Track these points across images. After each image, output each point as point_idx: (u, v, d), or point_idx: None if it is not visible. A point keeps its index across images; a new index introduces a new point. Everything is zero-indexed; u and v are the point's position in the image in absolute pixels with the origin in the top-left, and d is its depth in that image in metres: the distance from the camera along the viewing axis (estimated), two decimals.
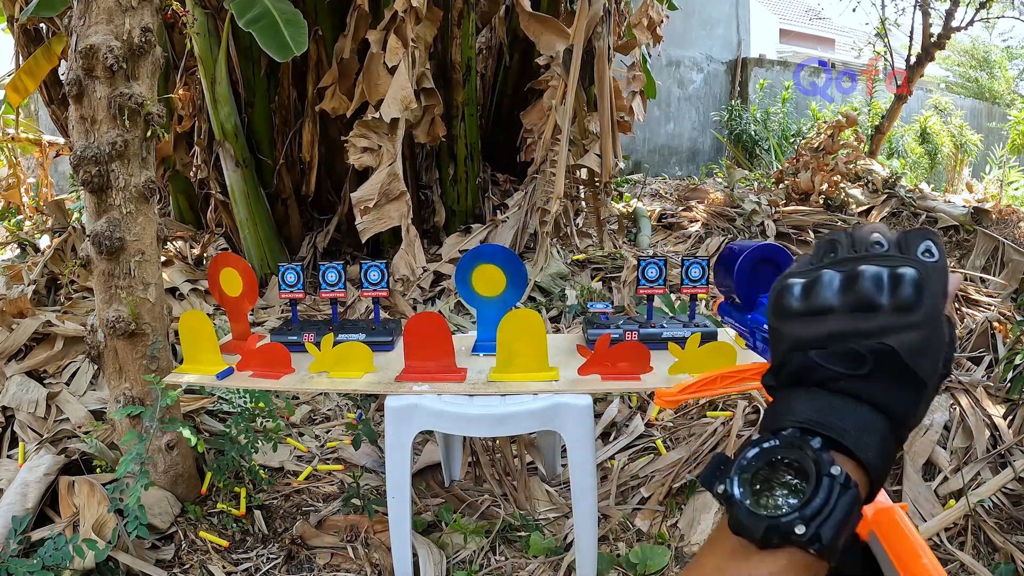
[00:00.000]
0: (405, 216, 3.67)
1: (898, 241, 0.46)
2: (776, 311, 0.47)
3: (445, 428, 1.70)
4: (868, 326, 0.43)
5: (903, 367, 0.42)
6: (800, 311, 0.45)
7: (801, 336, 0.45)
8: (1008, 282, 3.79)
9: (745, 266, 0.74)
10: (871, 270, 0.44)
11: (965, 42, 13.45)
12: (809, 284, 0.46)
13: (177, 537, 2.03)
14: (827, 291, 0.45)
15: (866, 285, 0.43)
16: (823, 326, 0.44)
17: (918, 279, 0.43)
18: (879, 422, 0.42)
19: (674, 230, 4.96)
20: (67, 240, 3.75)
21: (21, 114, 4.81)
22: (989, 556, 2.03)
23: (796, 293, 0.46)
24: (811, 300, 0.45)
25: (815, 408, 0.43)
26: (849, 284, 0.44)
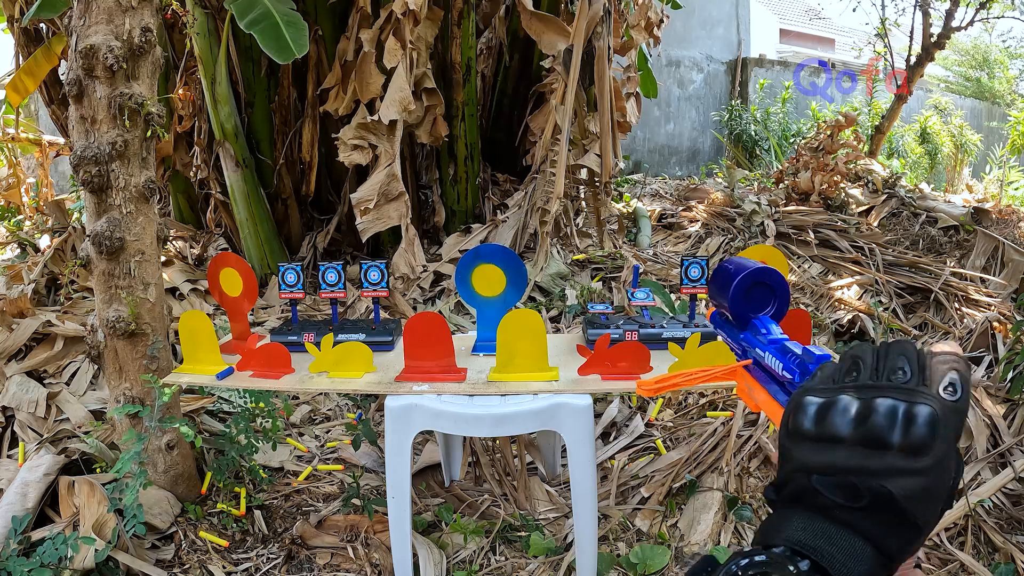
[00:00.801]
0: (404, 216, 3.67)
1: (922, 369, 0.44)
2: (788, 430, 0.47)
3: (445, 428, 1.70)
4: (874, 465, 0.43)
5: (898, 511, 0.42)
6: (811, 435, 0.46)
7: (808, 461, 0.45)
8: (1008, 282, 3.79)
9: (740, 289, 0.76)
10: (886, 404, 0.43)
11: (965, 42, 13.45)
12: (824, 408, 0.46)
13: (177, 537, 2.03)
14: (840, 420, 0.44)
15: (878, 421, 0.43)
16: (831, 455, 0.44)
17: (932, 421, 0.42)
18: (869, 554, 0.43)
19: (674, 230, 4.96)
20: (67, 240, 3.75)
21: (21, 114, 4.81)
22: (989, 556, 2.03)
23: (810, 415, 0.46)
24: (823, 426, 0.45)
25: (809, 531, 0.44)
26: (863, 416, 0.44)
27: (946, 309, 3.50)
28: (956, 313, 3.45)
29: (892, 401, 0.43)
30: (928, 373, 0.44)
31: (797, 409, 0.47)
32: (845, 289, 3.79)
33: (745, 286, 0.77)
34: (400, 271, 3.71)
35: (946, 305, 3.51)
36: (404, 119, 3.60)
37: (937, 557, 2.03)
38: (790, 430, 0.47)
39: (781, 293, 0.79)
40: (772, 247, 2.05)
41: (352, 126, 3.62)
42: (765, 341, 0.71)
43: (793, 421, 0.47)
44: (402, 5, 3.40)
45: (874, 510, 0.42)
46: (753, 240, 4.44)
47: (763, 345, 0.71)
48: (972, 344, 3.12)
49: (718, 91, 10.07)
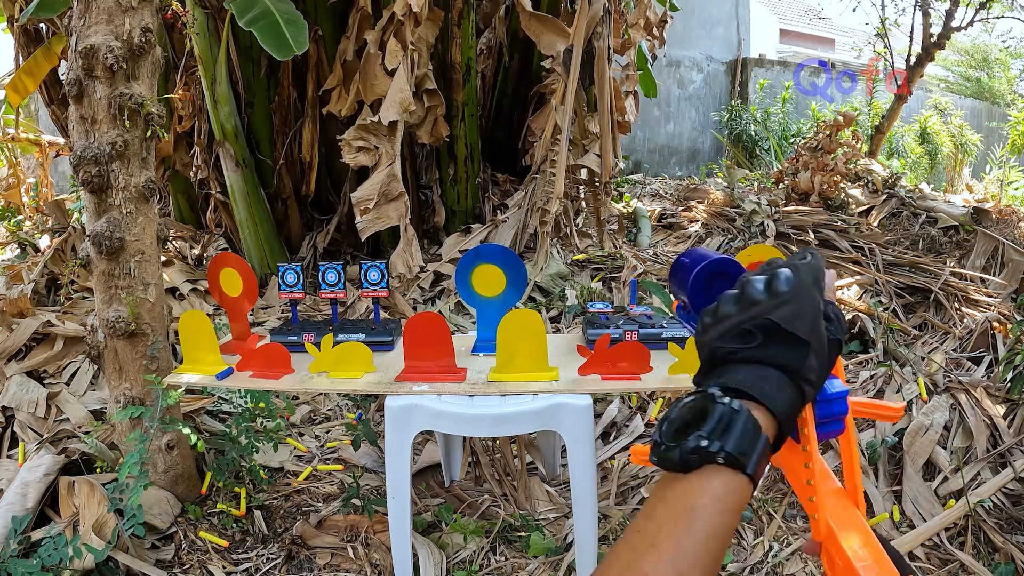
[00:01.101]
0: (404, 216, 3.68)
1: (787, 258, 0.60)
2: (697, 333, 0.60)
3: (445, 428, 1.70)
4: (754, 312, 0.55)
5: (785, 332, 0.54)
6: (710, 324, 0.58)
7: (712, 337, 0.57)
8: (1008, 282, 3.79)
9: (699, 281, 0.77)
10: (754, 277, 0.57)
11: (965, 42, 13.45)
12: (715, 304, 0.59)
13: (177, 537, 2.03)
14: (726, 303, 0.58)
15: (750, 290, 0.57)
16: (724, 325, 0.57)
17: (788, 273, 0.56)
18: (773, 373, 0.53)
19: (674, 230, 4.96)
20: (67, 240, 3.75)
21: (21, 114, 4.81)
22: (989, 556, 2.03)
23: (709, 312, 0.59)
24: (717, 313, 0.58)
25: (718, 374, 0.56)
26: (740, 295, 0.57)
27: (946, 309, 3.50)
28: (956, 313, 3.45)
29: (759, 275, 0.58)
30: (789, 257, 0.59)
31: (700, 318, 0.60)
32: (845, 289, 3.79)
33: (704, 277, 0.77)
34: (398, 271, 3.72)
35: (946, 305, 3.51)
36: (405, 120, 3.60)
37: (937, 557, 2.03)
38: (697, 333, 0.60)
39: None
40: (772, 247, 2.05)
41: (354, 127, 3.63)
42: None
43: (699, 327, 0.60)
44: (403, 6, 3.40)
45: (766, 341, 0.54)
46: (753, 240, 4.44)
47: None
48: (972, 344, 3.12)
49: (718, 91, 10.07)
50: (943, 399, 2.62)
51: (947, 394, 2.66)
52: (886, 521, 2.17)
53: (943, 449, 2.41)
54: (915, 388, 2.70)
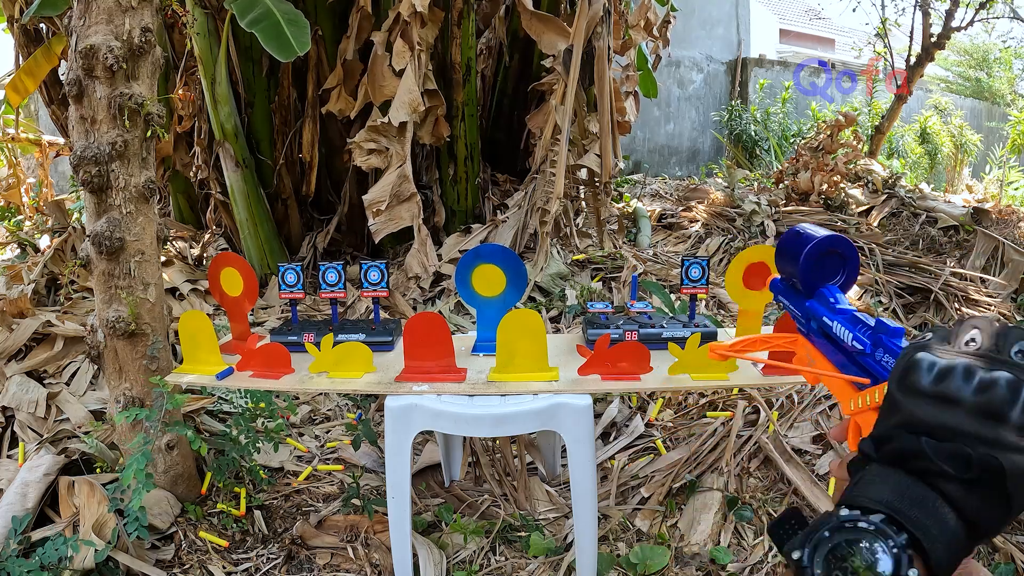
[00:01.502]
0: (416, 216, 3.70)
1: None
2: (902, 382, 0.47)
3: (445, 428, 1.70)
4: (988, 433, 0.42)
5: (1002, 487, 0.42)
6: (928, 392, 0.45)
7: (919, 418, 0.45)
8: (1008, 282, 3.79)
9: (812, 255, 0.74)
10: (1008, 378, 0.43)
11: (964, 42, 13.45)
12: (946, 368, 0.45)
13: (177, 537, 2.03)
14: (963, 383, 0.44)
15: (1000, 392, 0.43)
16: (946, 415, 0.44)
17: None
18: (961, 532, 0.43)
19: (674, 230, 4.96)
20: (67, 240, 3.75)
21: (21, 114, 4.81)
22: (989, 556, 2.03)
23: (931, 371, 0.45)
24: (943, 385, 0.44)
25: (911, 500, 0.43)
26: (985, 385, 0.43)
27: (946, 309, 3.50)
28: (956, 313, 3.45)
29: (1015, 376, 0.43)
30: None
31: (915, 364, 0.46)
32: None
33: (817, 253, 0.74)
34: (413, 271, 3.74)
35: (946, 305, 3.51)
36: (415, 120, 3.62)
37: None
38: (903, 384, 0.46)
39: (851, 263, 0.77)
40: (772, 247, 2.05)
41: (365, 129, 3.64)
42: (834, 310, 0.69)
43: (909, 376, 0.46)
44: (408, 7, 3.41)
45: (978, 484, 0.42)
46: (753, 240, 4.44)
47: (832, 314, 0.68)
48: None
49: (718, 91, 10.07)
50: None
51: None
52: None
53: None
54: None
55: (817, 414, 2.66)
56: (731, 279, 1.82)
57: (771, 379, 1.68)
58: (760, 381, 1.69)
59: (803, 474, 2.36)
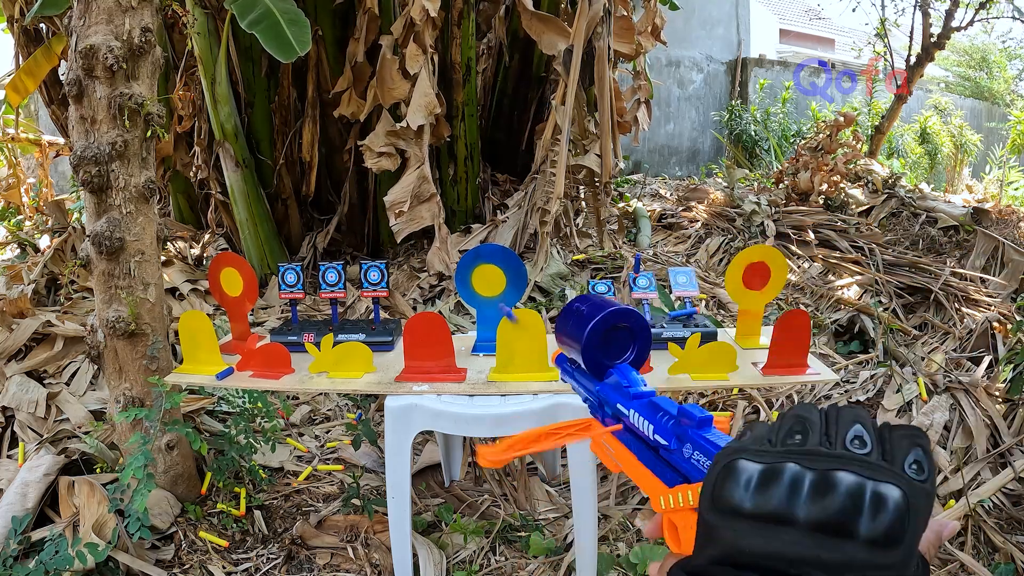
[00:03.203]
0: (437, 216, 3.72)
1: (881, 441, 0.36)
2: (715, 503, 0.36)
3: (445, 428, 1.70)
4: (831, 558, 0.33)
5: None
6: (748, 511, 0.35)
7: (741, 547, 0.35)
8: (1008, 282, 3.79)
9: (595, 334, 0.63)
10: (850, 480, 0.34)
11: (964, 42, 13.45)
12: (767, 475, 0.35)
13: (177, 537, 2.03)
14: (790, 493, 0.34)
15: (840, 501, 0.33)
16: (775, 541, 0.34)
17: (903, 506, 0.33)
18: None
19: (674, 230, 4.96)
20: (67, 240, 3.75)
21: (21, 114, 4.81)
22: (989, 556, 2.03)
23: (748, 484, 0.36)
24: (766, 500, 0.35)
25: None
26: (819, 492, 0.34)
27: (946, 309, 3.50)
28: (956, 313, 3.45)
29: (856, 477, 0.34)
30: (889, 446, 0.35)
31: (729, 474, 0.36)
32: (845, 289, 3.79)
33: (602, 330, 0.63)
34: (435, 269, 3.77)
35: (946, 305, 3.51)
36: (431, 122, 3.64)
37: (937, 557, 2.03)
38: (717, 502, 0.36)
39: (641, 336, 0.66)
40: (772, 247, 2.05)
41: (379, 134, 3.65)
42: (629, 396, 0.58)
43: (723, 490, 0.36)
44: (420, 11, 3.41)
45: None
46: (753, 240, 4.44)
47: (626, 400, 0.58)
48: (972, 344, 3.12)
49: (718, 91, 10.07)
50: (943, 399, 2.62)
51: (947, 394, 2.66)
52: None
53: (943, 449, 2.41)
54: (915, 388, 2.70)
55: None
56: (731, 279, 1.82)
57: (771, 379, 1.68)
58: (760, 381, 1.69)
59: None
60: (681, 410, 0.49)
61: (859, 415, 0.37)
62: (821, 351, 3.17)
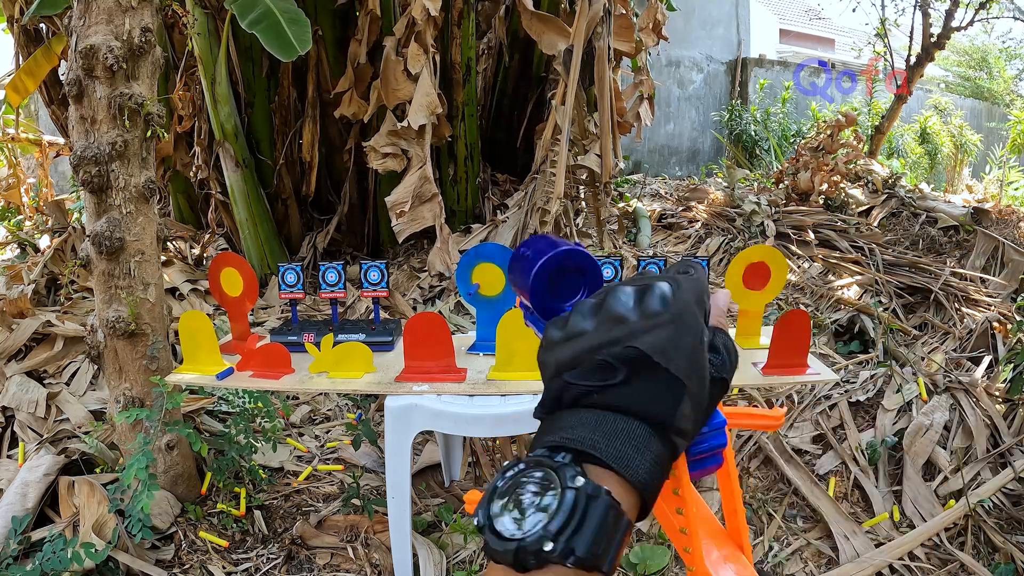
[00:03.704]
0: (438, 216, 3.73)
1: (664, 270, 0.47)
2: (541, 347, 0.47)
3: (445, 428, 1.70)
4: (617, 334, 0.42)
5: (654, 367, 0.41)
6: (559, 338, 0.45)
7: (560, 360, 0.44)
8: (1008, 282, 3.79)
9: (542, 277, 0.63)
10: (621, 288, 0.45)
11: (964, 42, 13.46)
12: (568, 313, 0.46)
13: (177, 537, 2.03)
14: (581, 316, 0.45)
15: (614, 302, 0.44)
16: (577, 345, 0.43)
17: (666, 289, 0.44)
18: (637, 429, 0.40)
19: (674, 230, 4.95)
20: (67, 240, 3.75)
21: (21, 114, 4.81)
22: (989, 556, 2.03)
23: (558, 322, 0.46)
24: (568, 327, 0.45)
25: (566, 425, 0.41)
26: (602, 300, 0.45)
27: (946, 309, 3.50)
28: (956, 313, 3.45)
29: (626, 286, 0.45)
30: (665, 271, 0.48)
31: (547, 327, 0.47)
32: (845, 289, 3.79)
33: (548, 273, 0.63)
34: (436, 269, 3.77)
35: (946, 305, 3.51)
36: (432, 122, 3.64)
37: (937, 557, 2.03)
38: (542, 347, 0.46)
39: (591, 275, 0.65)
40: (772, 247, 2.05)
41: (382, 134, 3.65)
42: None
43: (544, 339, 0.46)
44: (421, 11, 3.41)
45: (630, 378, 0.41)
46: (753, 240, 4.44)
47: None
48: (972, 344, 3.12)
49: (718, 91, 10.07)
50: (943, 399, 2.62)
51: (947, 394, 2.66)
52: (886, 521, 2.17)
53: (943, 449, 2.41)
54: (915, 388, 2.70)
55: (817, 414, 2.66)
56: (731, 279, 1.82)
57: (771, 379, 1.68)
58: (760, 381, 1.69)
59: (803, 474, 2.36)
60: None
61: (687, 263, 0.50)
62: (821, 351, 3.17)
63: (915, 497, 2.24)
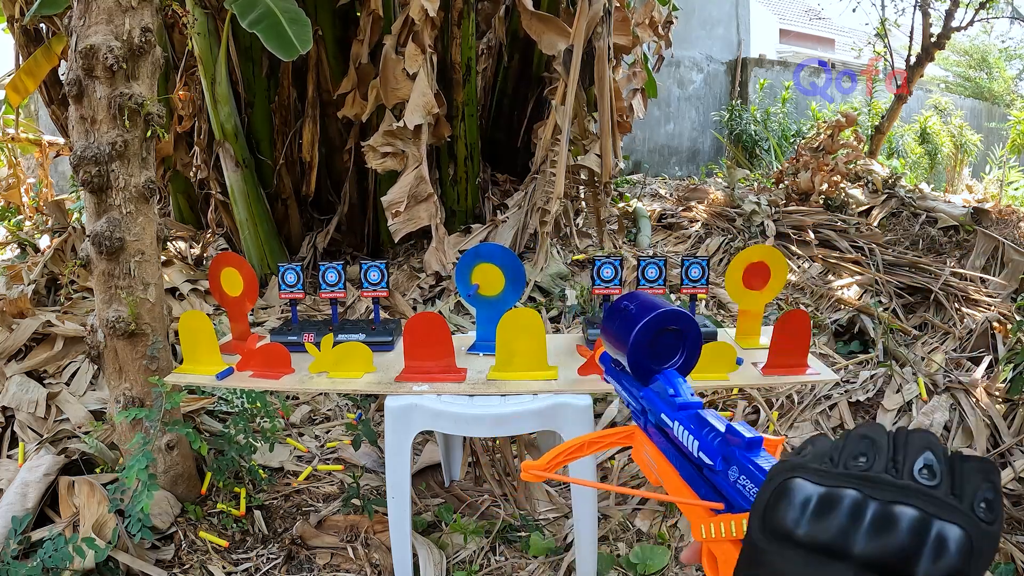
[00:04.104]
0: (434, 216, 3.73)
1: (952, 473, 0.33)
2: (766, 523, 0.34)
3: (445, 428, 1.70)
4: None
5: None
6: (802, 538, 0.33)
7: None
8: (1008, 282, 3.79)
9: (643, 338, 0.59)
10: (911, 515, 0.31)
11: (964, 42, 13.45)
12: (826, 501, 0.33)
13: (177, 537, 2.03)
14: (849, 524, 0.32)
15: (901, 538, 0.31)
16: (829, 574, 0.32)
17: (967, 550, 0.31)
18: None
19: (674, 230, 4.96)
20: (67, 240, 3.75)
21: (21, 114, 4.81)
22: None
23: (804, 507, 0.33)
24: (823, 529, 0.32)
25: None
26: (879, 526, 0.32)
27: (946, 309, 3.50)
28: (956, 313, 3.45)
29: (918, 512, 0.31)
30: (959, 480, 0.33)
31: (784, 494, 0.34)
32: (845, 289, 3.79)
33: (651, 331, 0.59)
34: (432, 268, 3.77)
35: (946, 305, 3.51)
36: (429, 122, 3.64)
37: None
38: (769, 523, 0.34)
39: (692, 340, 0.61)
40: (772, 247, 2.05)
41: (379, 133, 3.66)
42: (674, 406, 0.54)
43: (776, 510, 0.34)
44: (419, 11, 3.41)
45: None
46: (753, 240, 4.44)
47: (672, 411, 0.54)
48: (972, 344, 3.12)
49: (718, 91, 10.07)
50: (943, 399, 2.62)
51: (947, 394, 2.66)
52: None
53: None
54: (915, 388, 2.70)
55: (817, 414, 2.66)
56: (731, 279, 1.82)
57: (771, 379, 1.68)
58: (760, 381, 1.69)
59: None
60: (729, 428, 0.46)
61: (930, 441, 0.34)
62: (821, 351, 3.17)
63: None
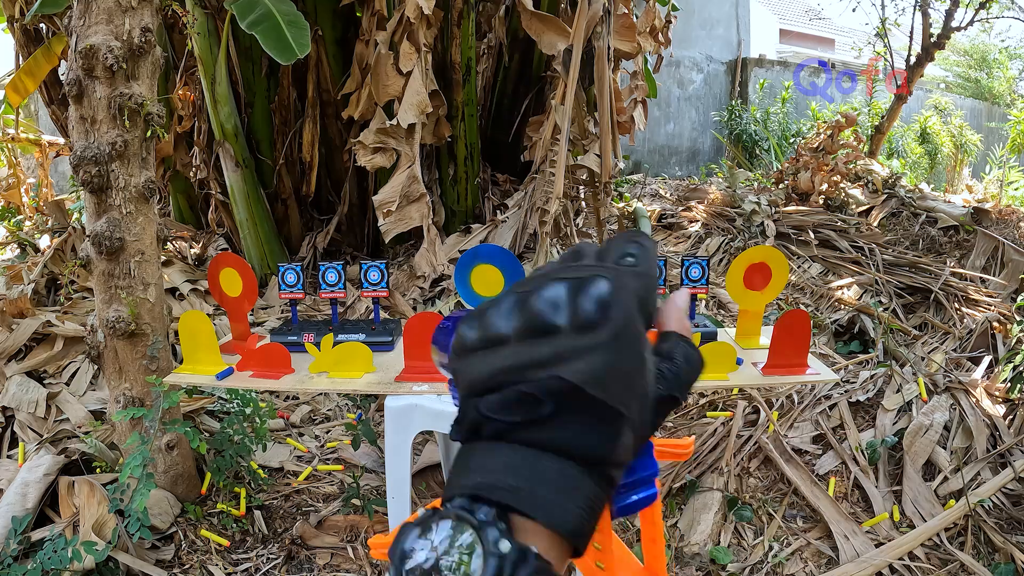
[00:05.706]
0: (426, 216, 3.72)
1: (600, 249, 0.37)
2: (454, 351, 0.38)
3: (445, 428, 1.70)
4: (541, 354, 0.34)
5: (588, 398, 0.34)
6: (475, 344, 0.36)
7: (474, 376, 0.36)
8: (1008, 282, 3.79)
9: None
10: (551, 289, 0.35)
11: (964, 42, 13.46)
12: (484, 308, 0.37)
13: (177, 537, 2.03)
14: (500, 314, 0.36)
15: (540, 303, 0.35)
16: (495, 359, 0.35)
17: (604, 290, 0.35)
18: (567, 469, 0.34)
19: (674, 230, 4.96)
20: (67, 240, 3.75)
21: (21, 114, 4.81)
22: (989, 556, 2.03)
23: (471, 324, 0.37)
24: (484, 328, 0.36)
25: (486, 467, 0.35)
26: (521, 307, 0.35)
27: (946, 309, 3.50)
28: (956, 313, 3.45)
29: (559, 282, 0.36)
30: (603, 250, 0.37)
31: (464, 320, 0.38)
32: (845, 289, 3.79)
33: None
34: (422, 269, 3.76)
35: (946, 305, 3.51)
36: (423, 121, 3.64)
37: (937, 557, 2.03)
38: (455, 348, 0.38)
39: None
40: (772, 247, 2.05)
41: (371, 130, 3.65)
42: None
43: (458, 336, 0.38)
44: (415, 9, 3.41)
45: (560, 413, 0.34)
46: (753, 240, 4.45)
47: None
48: (972, 344, 3.12)
49: (718, 91, 10.07)
50: (943, 399, 2.62)
51: (947, 394, 2.66)
52: (886, 521, 2.17)
53: (943, 449, 2.42)
54: (915, 388, 2.70)
55: (817, 414, 2.66)
56: (732, 279, 1.82)
57: (771, 379, 1.68)
58: (760, 381, 1.69)
59: (803, 474, 2.36)
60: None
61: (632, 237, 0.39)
62: (821, 351, 3.17)
63: (915, 497, 2.24)
